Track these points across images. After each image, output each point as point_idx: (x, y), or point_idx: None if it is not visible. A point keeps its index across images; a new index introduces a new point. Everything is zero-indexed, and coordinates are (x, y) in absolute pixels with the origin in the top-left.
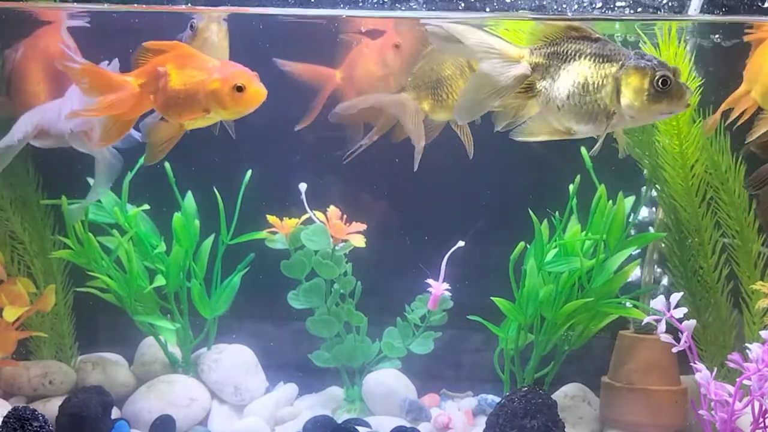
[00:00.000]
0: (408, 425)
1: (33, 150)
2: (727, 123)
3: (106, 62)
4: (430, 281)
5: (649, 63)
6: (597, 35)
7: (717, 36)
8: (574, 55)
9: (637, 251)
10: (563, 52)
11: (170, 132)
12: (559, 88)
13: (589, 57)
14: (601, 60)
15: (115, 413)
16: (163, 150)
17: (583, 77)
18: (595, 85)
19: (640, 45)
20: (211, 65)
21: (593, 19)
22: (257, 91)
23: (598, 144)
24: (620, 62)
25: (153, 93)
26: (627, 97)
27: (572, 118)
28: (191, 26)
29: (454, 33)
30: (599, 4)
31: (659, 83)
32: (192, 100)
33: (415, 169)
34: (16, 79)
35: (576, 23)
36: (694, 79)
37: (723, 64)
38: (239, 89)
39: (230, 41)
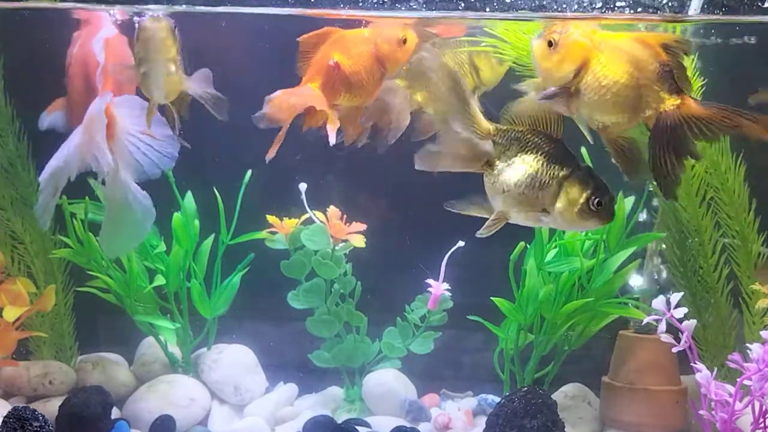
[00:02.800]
0: (408, 425)
1: (33, 150)
2: None
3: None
4: (430, 281)
5: (593, 181)
6: (558, 137)
7: (717, 37)
8: (533, 147)
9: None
10: (524, 140)
11: (353, 117)
12: (510, 173)
13: (544, 154)
14: (553, 160)
15: (115, 413)
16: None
17: (533, 170)
18: (542, 183)
19: None
20: (363, 36)
21: (593, 19)
22: (412, 35)
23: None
24: (570, 169)
25: (332, 89)
26: (562, 203)
27: (512, 205)
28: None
29: (446, 72)
30: (599, 4)
31: (594, 203)
32: (371, 73)
33: (384, 148)
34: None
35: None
36: (696, 78)
37: (724, 64)
38: (404, 41)
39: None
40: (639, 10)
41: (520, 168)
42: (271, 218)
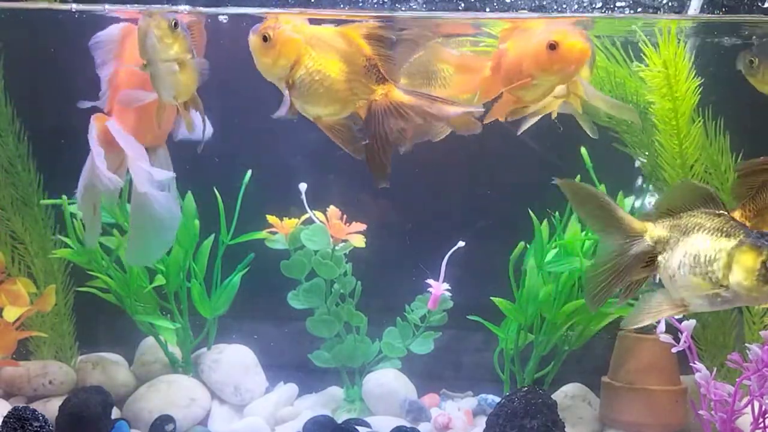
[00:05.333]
0: (408, 425)
1: (33, 149)
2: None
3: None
4: (430, 281)
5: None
6: (723, 212)
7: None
8: (694, 228)
9: None
10: (684, 225)
11: (506, 105)
12: (673, 260)
13: (707, 231)
14: (718, 234)
15: (115, 413)
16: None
17: (696, 249)
18: (708, 258)
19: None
20: (540, 30)
21: (593, 18)
22: (572, 45)
23: None
24: (738, 238)
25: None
26: (737, 275)
27: (684, 290)
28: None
29: (586, 193)
30: (599, 4)
31: None
32: (519, 69)
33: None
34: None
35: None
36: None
37: (723, 64)
38: (552, 47)
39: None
40: (639, 10)
41: (681, 250)
42: (271, 218)
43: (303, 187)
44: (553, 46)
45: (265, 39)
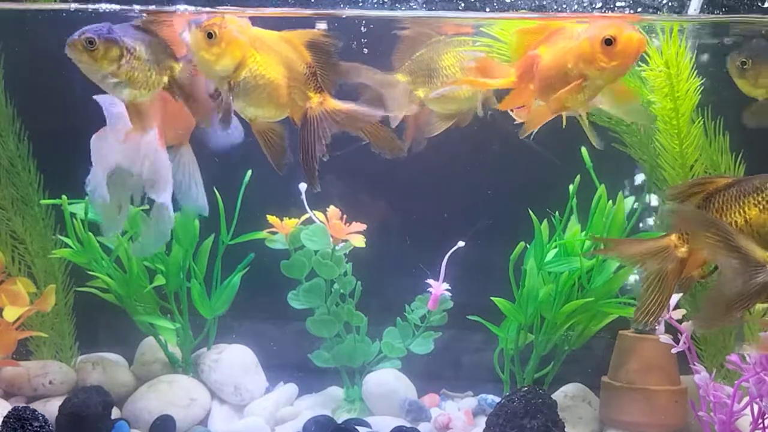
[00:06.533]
0: (408, 425)
1: (33, 149)
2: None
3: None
4: (430, 281)
5: None
6: None
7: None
8: None
9: None
10: None
11: (545, 115)
12: None
13: None
14: None
15: (115, 413)
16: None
17: None
18: None
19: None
20: (580, 30)
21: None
22: (630, 38)
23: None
24: None
25: (531, 81)
26: None
27: None
28: None
29: (705, 222)
30: (599, 4)
31: None
32: (564, 73)
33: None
34: None
35: None
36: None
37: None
38: (608, 42)
39: None
40: (639, 10)
41: None
42: (271, 218)
43: (303, 187)
44: (609, 41)
45: (210, 36)
